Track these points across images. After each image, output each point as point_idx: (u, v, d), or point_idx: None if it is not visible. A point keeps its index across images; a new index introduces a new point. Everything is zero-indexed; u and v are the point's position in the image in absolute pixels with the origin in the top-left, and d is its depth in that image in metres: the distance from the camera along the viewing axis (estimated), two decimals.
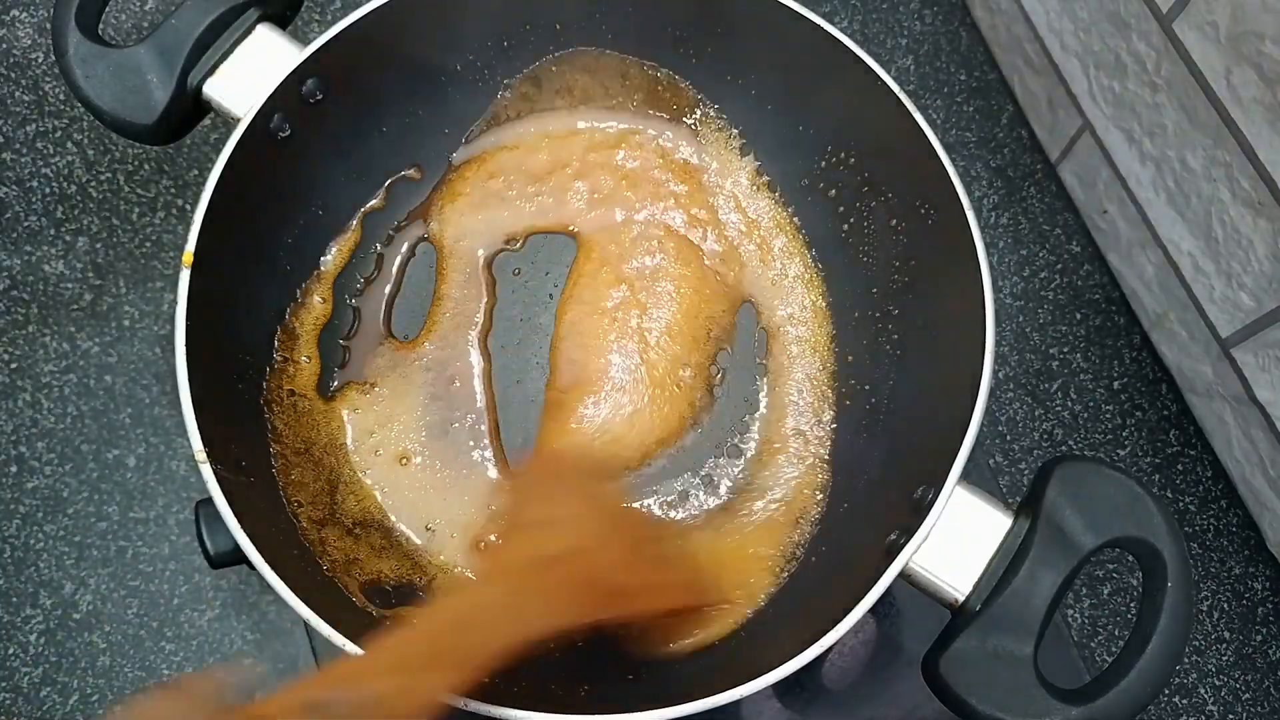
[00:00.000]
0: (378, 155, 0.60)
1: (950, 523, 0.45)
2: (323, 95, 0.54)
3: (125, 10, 0.71)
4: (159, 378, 0.63)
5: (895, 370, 0.56)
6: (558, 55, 0.61)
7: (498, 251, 0.61)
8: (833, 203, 0.60)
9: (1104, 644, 0.62)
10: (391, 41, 0.56)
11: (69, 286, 0.65)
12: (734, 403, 0.59)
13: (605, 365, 0.58)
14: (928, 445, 0.49)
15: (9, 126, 0.68)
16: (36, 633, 0.59)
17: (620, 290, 0.60)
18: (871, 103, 0.53)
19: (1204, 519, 0.65)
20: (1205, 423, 0.65)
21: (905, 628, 0.59)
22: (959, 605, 0.45)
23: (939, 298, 0.53)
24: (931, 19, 0.74)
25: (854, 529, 0.53)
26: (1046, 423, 0.66)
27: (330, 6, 0.73)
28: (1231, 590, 0.64)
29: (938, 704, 0.44)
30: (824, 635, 0.43)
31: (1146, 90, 0.58)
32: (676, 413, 0.58)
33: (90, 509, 0.61)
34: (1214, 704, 0.61)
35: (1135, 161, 0.62)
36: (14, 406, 0.63)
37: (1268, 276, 0.54)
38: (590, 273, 0.60)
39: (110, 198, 0.67)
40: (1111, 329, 0.68)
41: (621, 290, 0.60)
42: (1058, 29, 0.64)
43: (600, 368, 0.58)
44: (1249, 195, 0.53)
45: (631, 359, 0.58)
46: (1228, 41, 0.51)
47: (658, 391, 0.58)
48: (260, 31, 0.53)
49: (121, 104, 0.51)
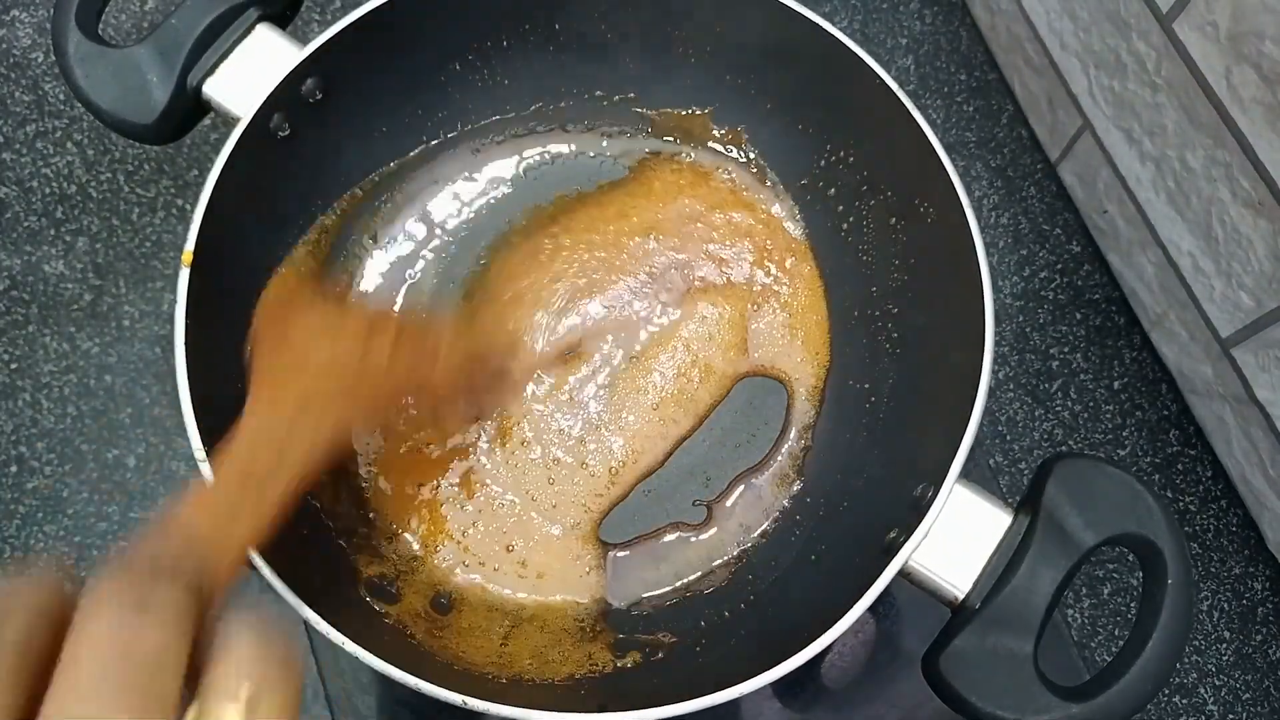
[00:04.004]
0: (378, 155, 0.60)
1: (950, 521, 0.45)
2: (323, 95, 0.54)
3: (125, 10, 0.71)
4: (159, 378, 0.63)
5: (895, 369, 0.56)
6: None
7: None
8: (832, 202, 0.60)
9: (1104, 643, 0.62)
10: (391, 41, 0.56)
11: (69, 286, 0.65)
12: (733, 404, 0.59)
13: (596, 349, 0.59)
14: (927, 444, 0.49)
15: (9, 126, 0.68)
16: None
17: (619, 288, 0.60)
18: (871, 103, 0.53)
19: (1204, 519, 0.65)
20: (1205, 423, 0.65)
21: (905, 626, 0.59)
22: (959, 603, 0.45)
23: (939, 297, 0.53)
24: (931, 19, 0.74)
25: (853, 527, 0.53)
26: (1046, 422, 0.66)
27: (330, 6, 0.73)
28: (1231, 590, 0.64)
29: (938, 703, 0.44)
30: (823, 634, 0.43)
31: (1146, 90, 0.59)
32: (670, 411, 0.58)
33: (90, 509, 0.61)
34: (1214, 704, 0.61)
35: (1135, 161, 0.62)
36: (14, 406, 0.63)
37: (1268, 276, 0.54)
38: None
39: (110, 198, 0.67)
40: (1111, 329, 0.68)
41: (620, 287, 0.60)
42: (1057, 29, 0.64)
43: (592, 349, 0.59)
44: (1249, 195, 0.53)
45: (621, 356, 0.59)
46: (1228, 41, 0.51)
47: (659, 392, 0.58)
48: (260, 31, 0.53)
49: (121, 104, 0.51)
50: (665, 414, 0.58)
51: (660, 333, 0.59)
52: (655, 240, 0.61)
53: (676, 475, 0.57)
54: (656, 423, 0.58)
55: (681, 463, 0.58)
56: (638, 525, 0.56)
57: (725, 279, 0.60)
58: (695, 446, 0.58)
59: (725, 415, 0.58)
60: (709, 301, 0.60)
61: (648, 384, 0.58)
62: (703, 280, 0.60)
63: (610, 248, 0.61)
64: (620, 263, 0.61)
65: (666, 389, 0.58)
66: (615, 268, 0.60)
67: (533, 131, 0.63)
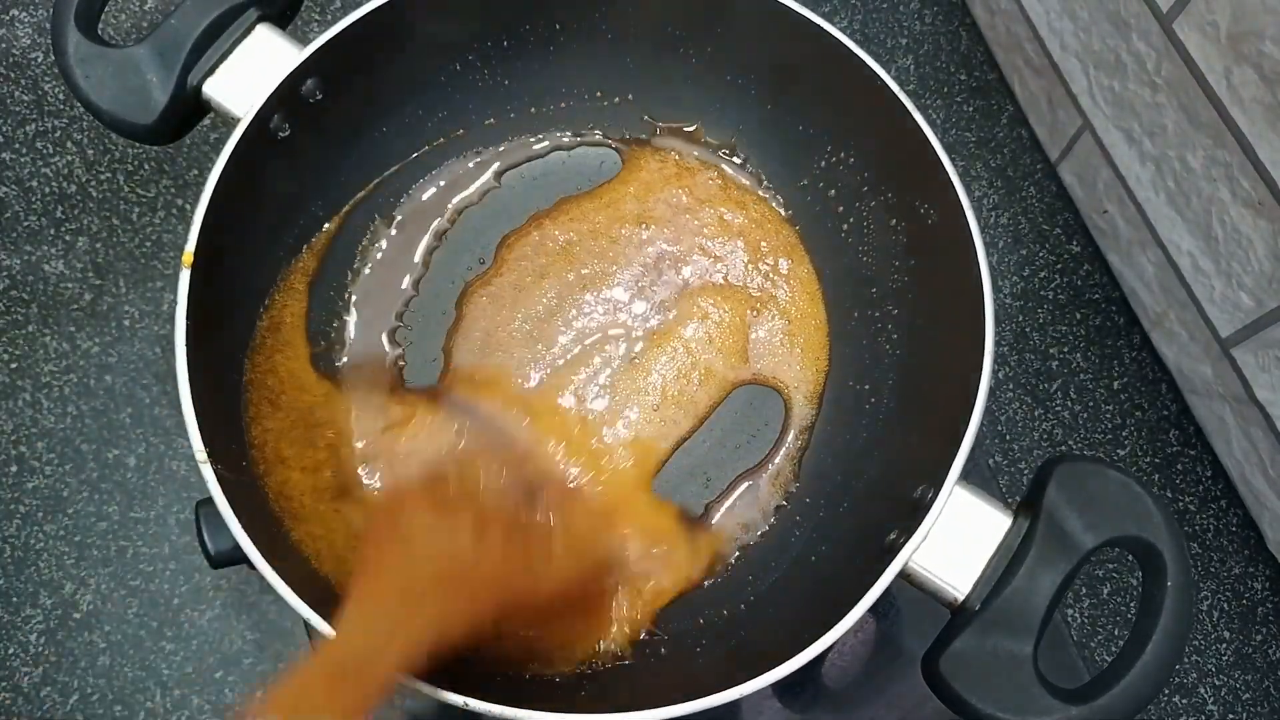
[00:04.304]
0: (378, 155, 0.60)
1: (950, 522, 0.45)
2: (323, 95, 0.54)
3: (125, 10, 0.71)
4: (159, 378, 0.63)
5: (895, 370, 0.56)
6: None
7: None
8: (832, 203, 0.60)
9: (1104, 644, 0.62)
10: (391, 41, 0.56)
11: (69, 286, 0.65)
12: (733, 405, 0.59)
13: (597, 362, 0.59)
14: (927, 445, 0.49)
15: (9, 126, 0.68)
16: (36, 633, 0.59)
17: (619, 290, 0.60)
18: (871, 103, 0.53)
19: (1204, 519, 0.65)
20: (1205, 423, 0.65)
21: (905, 627, 0.59)
22: (959, 605, 0.45)
23: (939, 298, 0.53)
24: (931, 19, 0.74)
25: (854, 528, 0.53)
26: (1046, 423, 0.66)
27: (330, 6, 0.73)
28: (1231, 590, 0.64)
29: (937, 704, 0.44)
30: (824, 635, 0.43)
31: (1146, 90, 0.58)
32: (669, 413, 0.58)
33: (90, 509, 0.61)
34: (1214, 704, 0.61)
35: (1135, 161, 0.62)
36: (14, 406, 0.63)
37: (1268, 276, 0.54)
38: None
39: (110, 198, 0.67)
40: (1111, 329, 0.68)
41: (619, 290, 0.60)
42: (1057, 29, 0.64)
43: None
44: (1249, 195, 0.53)
45: (621, 359, 0.59)
46: (1228, 41, 0.51)
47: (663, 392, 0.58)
48: (260, 31, 0.53)
49: (121, 104, 0.51)
50: (666, 415, 0.58)
51: (660, 334, 0.59)
52: (654, 243, 0.61)
53: (677, 475, 0.57)
54: (658, 424, 0.58)
55: (681, 463, 0.58)
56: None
57: (724, 280, 0.60)
58: (695, 447, 0.58)
59: (725, 416, 0.58)
60: (710, 301, 0.60)
61: (647, 385, 0.58)
62: (702, 280, 0.60)
63: (613, 246, 0.61)
64: (621, 258, 0.61)
65: (668, 390, 0.58)
66: (617, 263, 0.60)
67: (533, 132, 0.63)
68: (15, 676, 0.58)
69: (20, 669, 0.58)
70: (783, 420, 0.58)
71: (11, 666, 0.58)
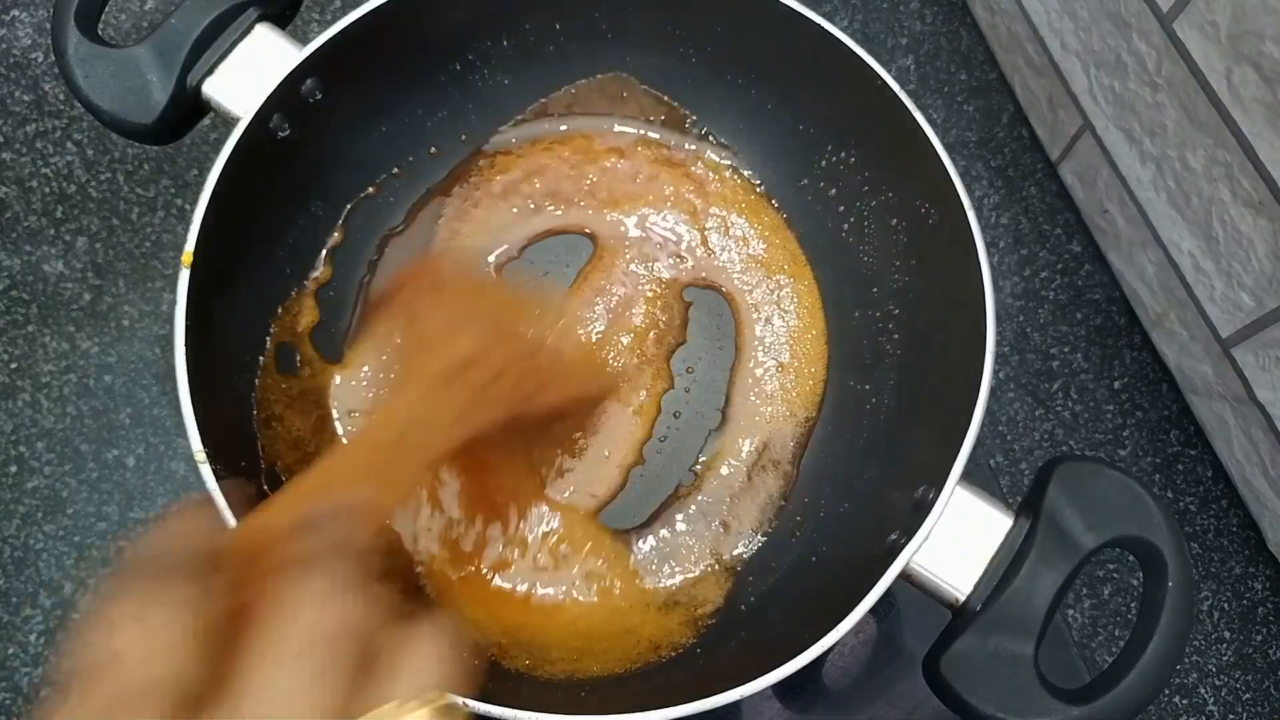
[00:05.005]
0: (378, 155, 0.60)
1: (951, 523, 0.45)
2: (323, 95, 0.54)
3: (125, 10, 0.71)
4: (159, 378, 0.63)
5: (895, 370, 0.56)
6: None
7: (505, 262, 0.61)
8: (833, 202, 0.60)
9: (1104, 644, 0.62)
10: (391, 41, 0.55)
11: (69, 286, 0.65)
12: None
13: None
14: (928, 445, 0.49)
15: (9, 126, 0.68)
16: (36, 633, 0.59)
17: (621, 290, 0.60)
18: (872, 103, 0.53)
19: (1204, 519, 0.65)
20: (1206, 423, 0.65)
21: (905, 628, 0.59)
22: (959, 605, 0.45)
23: (940, 298, 0.53)
24: (931, 19, 0.74)
25: (854, 529, 0.53)
26: (1047, 423, 0.66)
27: (330, 6, 0.73)
28: (1231, 590, 0.63)
29: (938, 704, 0.44)
30: (824, 635, 0.43)
31: (1147, 90, 0.58)
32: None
33: (90, 509, 0.61)
34: (1214, 704, 0.61)
35: (1135, 161, 0.62)
36: (14, 406, 0.63)
37: (1268, 276, 0.54)
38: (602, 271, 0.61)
39: (110, 198, 0.67)
40: (1112, 329, 0.68)
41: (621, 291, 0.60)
42: (1058, 28, 0.64)
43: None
44: (1249, 195, 0.53)
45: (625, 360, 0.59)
46: (1228, 41, 0.51)
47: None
48: (259, 31, 0.53)
49: (121, 104, 0.51)
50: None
51: (659, 335, 0.59)
52: (651, 244, 0.61)
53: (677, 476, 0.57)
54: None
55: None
56: (637, 518, 0.56)
57: (722, 279, 0.60)
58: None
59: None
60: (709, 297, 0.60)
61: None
62: (702, 280, 0.60)
63: (618, 242, 0.61)
64: (624, 257, 0.61)
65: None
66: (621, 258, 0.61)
67: (533, 131, 0.63)
68: (15, 676, 0.58)
69: (20, 669, 0.58)
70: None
71: (11, 667, 0.58)
